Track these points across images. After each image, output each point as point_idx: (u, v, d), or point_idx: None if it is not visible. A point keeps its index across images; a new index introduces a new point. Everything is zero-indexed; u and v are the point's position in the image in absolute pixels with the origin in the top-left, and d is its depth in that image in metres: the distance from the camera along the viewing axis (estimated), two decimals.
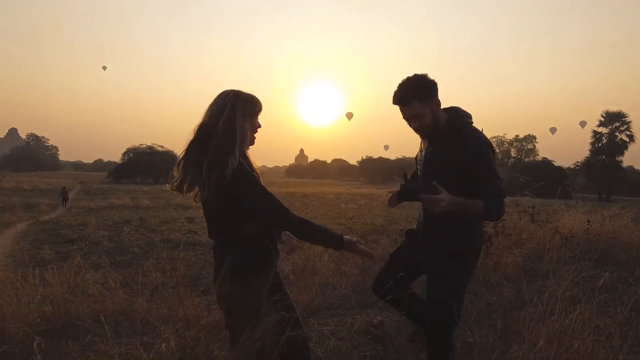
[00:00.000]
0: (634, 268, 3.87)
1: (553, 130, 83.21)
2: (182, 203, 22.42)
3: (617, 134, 41.75)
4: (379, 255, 5.39)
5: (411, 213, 17.11)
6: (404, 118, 2.05)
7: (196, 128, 1.82)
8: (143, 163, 51.22)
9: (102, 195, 28.70)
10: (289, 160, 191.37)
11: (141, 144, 55.05)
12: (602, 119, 42.09)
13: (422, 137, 2.13)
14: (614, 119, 41.64)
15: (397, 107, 2.06)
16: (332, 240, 1.77)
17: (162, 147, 55.26)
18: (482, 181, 1.88)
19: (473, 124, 2.06)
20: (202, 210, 1.92)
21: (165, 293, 3.54)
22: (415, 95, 1.94)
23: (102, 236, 7.99)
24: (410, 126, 2.05)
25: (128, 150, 55.04)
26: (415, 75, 1.96)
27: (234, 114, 1.78)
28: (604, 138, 42.06)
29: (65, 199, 24.42)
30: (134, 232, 8.90)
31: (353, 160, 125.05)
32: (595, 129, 42.35)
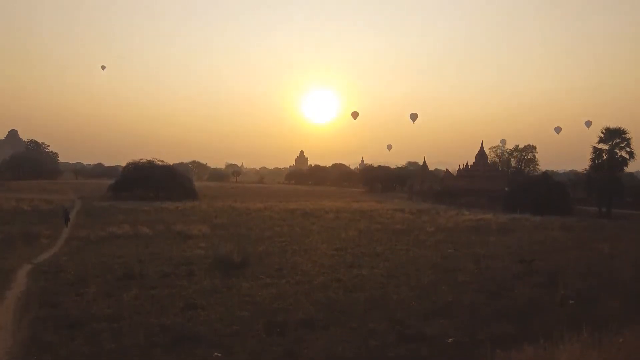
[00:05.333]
0: None
1: (558, 129, 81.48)
2: (181, 230, 22.46)
3: (617, 150, 41.54)
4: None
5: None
6: None
7: None
8: (143, 177, 51.52)
9: (102, 218, 28.94)
10: (289, 161, 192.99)
11: (141, 159, 56.03)
12: (602, 136, 41.85)
13: None
14: (614, 135, 41.41)
15: (398, 108, 1.94)
16: None
17: (162, 161, 56.56)
18: None
19: None
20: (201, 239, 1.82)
21: None
22: None
23: (103, 317, 7.83)
24: None
25: (128, 164, 56.15)
26: None
27: None
28: (604, 154, 41.84)
29: (67, 219, 25.57)
30: (134, 300, 8.89)
31: (353, 160, 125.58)
32: (595, 145, 42.09)
